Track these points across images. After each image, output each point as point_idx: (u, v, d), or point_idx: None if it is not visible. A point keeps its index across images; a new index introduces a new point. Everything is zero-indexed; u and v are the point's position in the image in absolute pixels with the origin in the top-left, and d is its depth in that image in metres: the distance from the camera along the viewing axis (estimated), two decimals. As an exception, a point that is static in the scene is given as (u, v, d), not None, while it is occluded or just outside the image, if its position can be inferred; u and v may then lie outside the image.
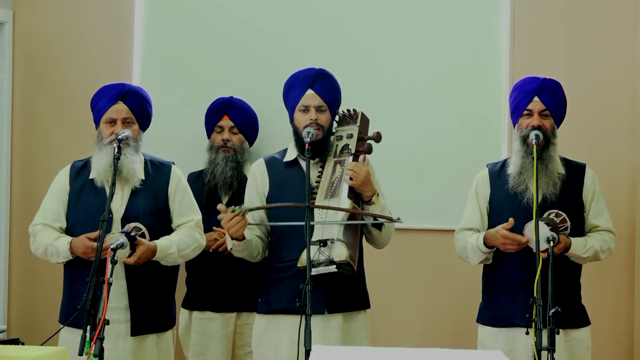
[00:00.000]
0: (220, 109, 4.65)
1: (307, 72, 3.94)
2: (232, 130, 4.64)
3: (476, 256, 3.98)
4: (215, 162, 4.58)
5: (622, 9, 4.88)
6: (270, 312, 3.86)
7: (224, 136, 4.62)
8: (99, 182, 3.93)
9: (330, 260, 3.59)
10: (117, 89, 3.98)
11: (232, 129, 4.64)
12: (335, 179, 3.81)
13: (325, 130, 3.88)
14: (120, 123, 3.93)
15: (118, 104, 3.95)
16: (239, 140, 4.65)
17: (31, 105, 5.15)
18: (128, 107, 3.96)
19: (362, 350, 3.28)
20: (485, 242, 3.92)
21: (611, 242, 4.00)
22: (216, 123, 4.65)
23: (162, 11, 5.05)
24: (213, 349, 4.55)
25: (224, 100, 4.68)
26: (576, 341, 3.91)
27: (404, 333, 4.92)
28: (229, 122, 4.64)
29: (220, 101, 4.68)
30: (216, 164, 4.57)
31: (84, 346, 3.27)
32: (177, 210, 4.02)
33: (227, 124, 4.64)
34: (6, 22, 5.10)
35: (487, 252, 3.94)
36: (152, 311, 3.94)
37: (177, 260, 3.96)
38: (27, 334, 4.86)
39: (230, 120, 4.63)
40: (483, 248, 3.92)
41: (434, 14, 4.93)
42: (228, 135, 4.62)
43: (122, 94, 3.96)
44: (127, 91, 3.98)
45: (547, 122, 3.95)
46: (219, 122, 4.64)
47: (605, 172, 4.48)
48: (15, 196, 5.14)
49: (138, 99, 4.00)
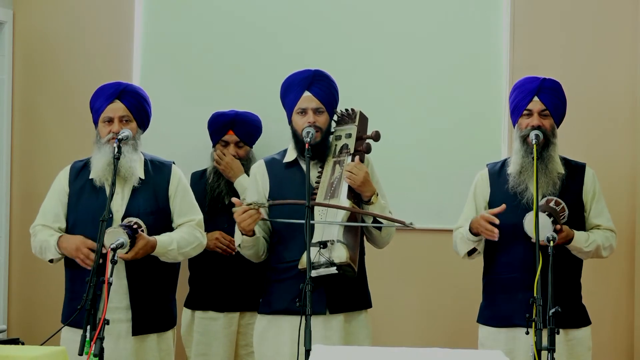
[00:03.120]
0: (225, 126, 4.61)
1: (304, 74, 3.93)
2: (237, 145, 4.62)
3: (464, 245, 3.98)
4: (220, 173, 4.58)
5: (622, 9, 4.88)
6: (272, 313, 3.86)
7: (230, 152, 4.59)
8: (98, 182, 3.93)
9: (331, 261, 3.60)
10: (114, 88, 3.98)
11: (237, 143, 4.62)
12: (334, 179, 3.81)
13: (323, 132, 3.88)
14: (117, 121, 3.92)
15: (115, 102, 3.95)
16: (244, 152, 4.63)
17: (31, 105, 5.15)
18: (125, 105, 3.95)
19: (362, 350, 3.28)
20: (471, 229, 3.92)
21: (613, 239, 4.00)
22: (221, 137, 4.62)
23: (162, 11, 5.06)
24: (216, 348, 4.55)
25: (228, 116, 4.62)
26: (576, 341, 3.91)
27: (404, 333, 4.92)
28: (234, 137, 4.61)
29: (225, 117, 4.62)
30: (221, 175, 4.57)
31: (84, 346, 3.28)
32: (177, 210, 4.02)
33: (233, 139, 4.61)
34: (6, 22, 5.10)
35: (473, 239, 3.94)
36: (153, 311, 3.94)
37: (177, 257, 3.94)
38: (27, 334, 4.86)
39: (236, 135, 4.61)
40: (469, 235, 3.93)
41: (434, 14, 4.93)
42: (234, 151, 4.60)
43: (119, 92, 3.96)
44: (123, 89, 3.98)
45: (547, 122, 3.95)
46: (224, 137, 4.61)
47: (605, 172, 4.48)
48: (15, 196, 5.14)
49: (135, 97, 3.99)
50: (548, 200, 3.86)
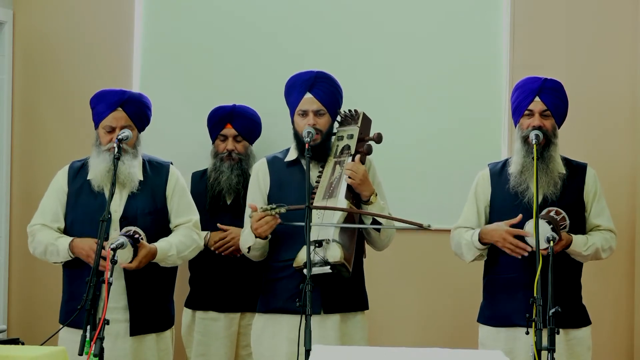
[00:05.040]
0: (223, 119, 4.60)
1: (306, 76, 3.93)
2: (236, 139, 4.61)
3: (470, 252, 3.98)
4: (220, 169, 4.56)
5: (622, 9, 4.88)
6: (268, 312, 3.87)
7: (228, 146, 4.58)
8: (96, 187, 3.94)
9: (325, 261, 3.60)
10: (117, 96, 3.98)
11: (236, 137, 4.61)
12: (334, 179, 3.81)
13: (324, 134, 3.88)
14: (119, 130, 3.92)
15: (117, 111, 3.96)
16: (243, 147, 4.62)
17: (31, 105, 5.15)
18: (127, 114, 3.96)
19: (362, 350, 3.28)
20: (481, 238, 3.92)
21: (612, 241, 3.99)
22: (219, 131, 4.62)
23: (162, 11, 5.05)
24: (216, 349, 4.55)
25: (226, 109, 4.63)
26: (576, 341, 3.91)
27: (404, 333, 4.92)
28: (233, 131, 4.59)
29: (223, 110, 4.63)
30: (221, 172, 4.56)
31: (84, 346, 3.28)
32: (174, 210, 4.02)
33: (231, 133, 4.60)
34: (6, 22, 5.10)
35: (481, 248, 3.94)
36: (151, 311, 3.94)
37: (176, 261, 3.98)
38: (27, 334, 4.85)
39: (234, 129, 4.61)
40: (478, 244, 3.93)
41: (434, 14, 4.93)
42: (232, 145, 4.58)
43: (122, 101, 3.96)
44: (127, 99, 3.98)
45: (548, 122, 3.95)
46: (222, 130, 4.62)
47: (605, 172, 4.48)
48: (15, 196, 5.14)
49: (137, 106, 4.01)
50: (549, 210, 3.87)
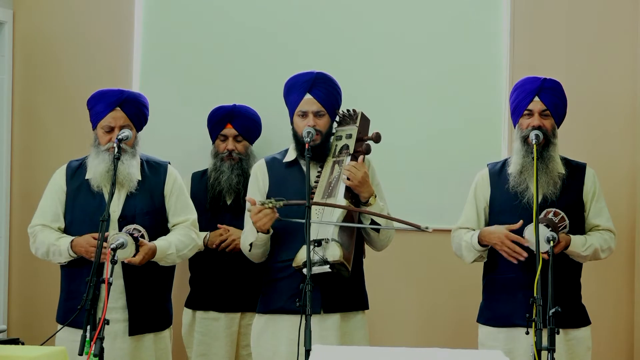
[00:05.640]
0: (223, 118, 4.60)
1: (306, 77, 3.93)
2: (236, 139, 4.61)
3: (470, 254, 3.99)
4: (221, 169, 4.56)
5: (622, 9, 4.88)
6: (268, 312, 3.87)
7: (229, 146, 4.58)
8: (95, 187, 3.94)
9: (324, 260, 3.60)
10: (116, 96, 3.98)
11: (236, 137, 4.61)
12: (333, 179, 3.81)
13: (323, 135, 3.88)
14: (117, 130, 3.93)
15: (116, 110, 3.96)
16: (243, 147, 4.62)
17: (31, 105, 5.15)
18: (126, 113, 3.97)
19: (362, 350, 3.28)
20: (480, 240, 3.92)
21: (611, 241, 4.00)
22: (220, 131, 4.62)
23: (161, 12, 5.05)
24: (216, 349, 4.55)
25: (226, 109, 4.63)
26: (576, 341, 3.91)
27: (404, 333, 4.92)
28: (233, 131, 4.60)
29: (223, 110, 4.63)
30: (221, 172, 4.56)
31: (84, 346, 3.27)
32: (172, 210, 4.03)
33: (231, 132, 4.60)
34: (6, 22, 5.10)
35: (480, 250, 3.95)
36: (149, 310, 3.95)
37: (175, 260, 3.98)
38: (27, 334, 4.85)
39: (234, 128, 4.61)
40: (477, 246, 3.93)
41: (434, 15, 4.93)
42: (232, 145, 4.59)
43: (121, 101, 3.96)
44: (125, 98, 3.98)
45: (548, 122, 3.95)
46: (223, 130, 4.62)
47: (605, 172, 4.48)
48: (15, 196, 5.14)
49: (136, 105, 4.01)
50: (547, 212, 3.87)
